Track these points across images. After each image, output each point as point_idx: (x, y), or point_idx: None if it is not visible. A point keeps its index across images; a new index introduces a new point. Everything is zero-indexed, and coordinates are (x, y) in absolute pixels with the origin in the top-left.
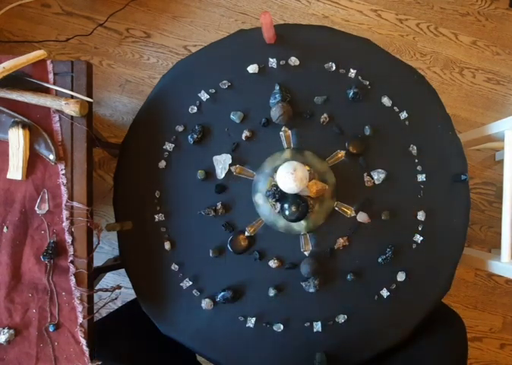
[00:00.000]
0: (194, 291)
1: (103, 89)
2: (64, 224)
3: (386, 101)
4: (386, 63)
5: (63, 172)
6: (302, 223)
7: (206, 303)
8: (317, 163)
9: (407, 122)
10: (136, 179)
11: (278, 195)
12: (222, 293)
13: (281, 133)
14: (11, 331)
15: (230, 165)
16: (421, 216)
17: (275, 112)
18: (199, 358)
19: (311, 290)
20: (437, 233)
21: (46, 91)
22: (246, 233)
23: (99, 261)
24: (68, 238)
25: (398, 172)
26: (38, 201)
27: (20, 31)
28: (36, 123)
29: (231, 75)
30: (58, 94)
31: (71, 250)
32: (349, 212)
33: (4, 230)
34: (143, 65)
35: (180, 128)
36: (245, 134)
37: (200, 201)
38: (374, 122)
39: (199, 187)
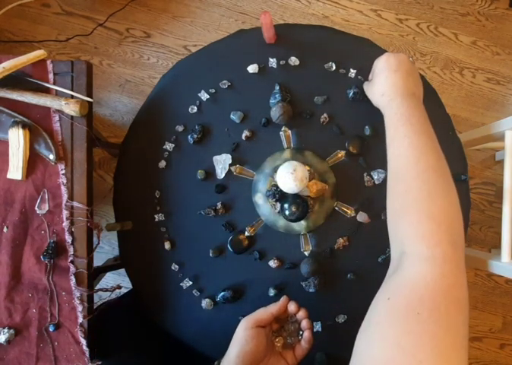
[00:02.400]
0: (194, 291)
1: (103, 89)
2: (64, 224)
3: None
4: None
5: (63, 172)
6: (302, 223)
7: (206, 303)
8: (317, 163)
9: None
10: (136, 179)
11: (278, 195)
12: (222, 293)
13: (281, 133)
14: (11, 331)
15: (230, 165)
16: None
17: (275, 112)
18: None
19: (311, 290)
20: None
21: (46, 91)
22: (246, 233)
23: (99, 261)
24: (68, 238)
25: None
26: (38, 201)
27: (20, 31)
28: (36, 123)
29: (231, 75)
30: (58, 94)
31: (71, 250)
32: (349, 212)
33: (4, 230)
34: (143, 65)
35: (180, 128)
36: (245, 134)
37: (200, 201)
38: (374, 122)
39: (199, 187)
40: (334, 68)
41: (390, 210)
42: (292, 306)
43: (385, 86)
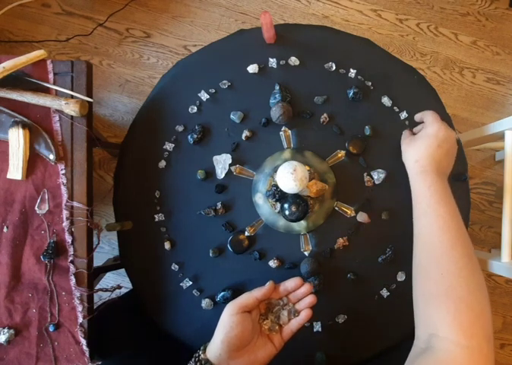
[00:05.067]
0: (194, 291)
1: (103, 89)
2: (64, 224)
3: (386, 101)
4: (386, 63)
5: (63, 172)
6: (302, 223)
7: (206, 303)
8: (317, 163)
9: (407, 122)
10: (136, 179)
11: (278, 195)
12: (222, 293)
13: (281, 133)
14: (11, 331)
15: (230, 165)
16: None
17: (275, 112)
18: None
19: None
20: None
21: (46, 91)
22: (246, 233)
23: (99, 261)
24: (68, 238)
25: (398, 172)
26: (38, 201)
27: (20, 31)
28: (36, 123)
29: (231, 75)
30: (58, 94)
31: (71, 250)
32: (349, 212)
33: (4, 229)
34: (143, 64)
35: (180, 128)
36: (245, 134)
37: (200, 201)
38: (374, 122)
39: (199, 187)
40: (334, 68)
41: (422, 290)
42: (292, 283)
43: (423, 154)
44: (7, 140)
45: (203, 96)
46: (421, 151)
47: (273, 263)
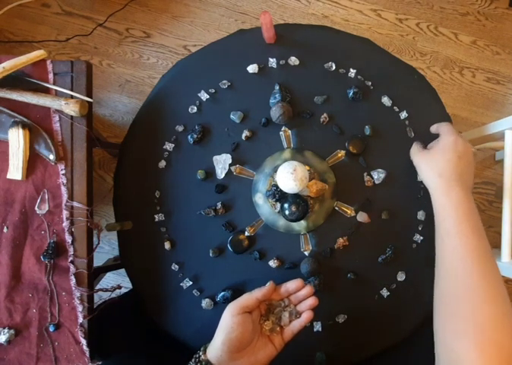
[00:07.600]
0: (194, 291)
1: (103, 89)
2: (64, 224)
3: (386, 101)
4: (386, 63)
5: (63, 172)
6: (302, 223)
7: (206, 303)
8: (317, 163)
9: (407, 122)
10: (136, 179)
11: (278, 195)
12: (222, 293)
13: (281, 133)
14: (11, 331)
15: (230, 165)
16: (421, 216)
17: (275, 112)
18: None
19: None
20: None
21: (46, 91)
22: (246, 233)
23: (99, 261)
24: (68, 238)
25: (398, 172)
26: (38, 201)
27: (20, 31)
28: (36, 123)
29: (231, 75)
30: (57, 94)
31: (71, 250)
32: (349, 212)
33: (4, 230)
34: (143, 65)
35: (180, 128)
36: (245, 134)
37: (200, 201)
38: (374, 122)
39: (199, 187)
40: (334, 68)
41: (444, 322)
42: (294, 285)
43: (446, 168)
44: (7, 140)
45: (203, 96)
46: (443, 165)
47: (273, 263)
